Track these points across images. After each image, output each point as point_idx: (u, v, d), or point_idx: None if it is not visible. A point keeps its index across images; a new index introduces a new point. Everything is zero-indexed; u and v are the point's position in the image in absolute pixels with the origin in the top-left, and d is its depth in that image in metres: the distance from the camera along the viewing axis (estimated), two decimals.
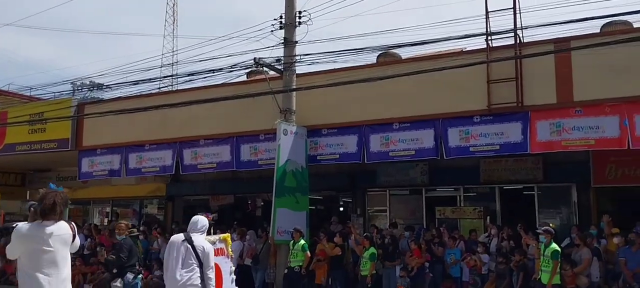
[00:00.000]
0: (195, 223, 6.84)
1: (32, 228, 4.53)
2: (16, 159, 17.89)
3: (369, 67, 13.38)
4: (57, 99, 18.07)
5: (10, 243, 4.63)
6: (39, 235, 4.44)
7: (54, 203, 4.51)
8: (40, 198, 4.57)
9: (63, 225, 4.57)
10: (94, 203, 19.66)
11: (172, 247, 6.57)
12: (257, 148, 14.33)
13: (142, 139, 15.73)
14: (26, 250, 4.46)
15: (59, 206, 4.52)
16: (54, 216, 4.50)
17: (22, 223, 4.68)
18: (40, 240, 4.42)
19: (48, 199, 4.50)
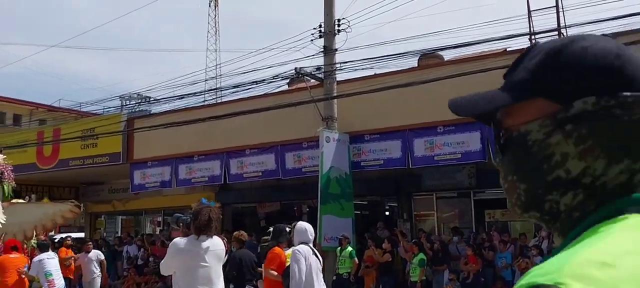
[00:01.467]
0: (309, 232, 6.05)
1: (189, 243, 4.47)
2: (70, 174, 18.53)
3: (410, 71, 13.30)
4: (107, 115, 18.64)
5: (166, 258, 4.58)
6: (195, 250, 4.39)
7: (210, 218, 4.49)
8: (194, 213, 4.55)
9: (217, 240, 4.56)
10: (145, 213, 20.15)
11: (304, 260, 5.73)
12: (300, 156, 14.46)
13: (190, 150, 16.09)
14: (182, 265, 4.42)
15: (215, 221, 4.53)
16: (210, 232, 4.49)
17: (178, 238, 4.63)
18: (196, 256, 4.37)
19: (203, 215, 4.47)
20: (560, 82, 0.80)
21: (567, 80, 0.80)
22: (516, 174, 0.86)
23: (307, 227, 6.08)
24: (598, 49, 0.81)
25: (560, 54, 0.82)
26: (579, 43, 0.82)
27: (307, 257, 5.70)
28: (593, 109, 0.78)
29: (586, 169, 0.78)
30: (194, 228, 4.52)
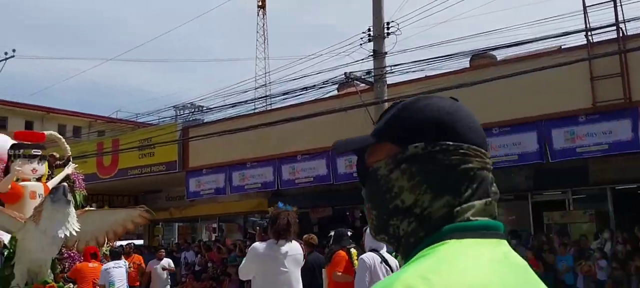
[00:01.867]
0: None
1: (268, 248, 4.43)
2: (129, 182, 19.07)
3: (462, 72, 13.04)
4: (163, 125, 19.11)
5: (244, 262, 4.53)
6: (274, 255, 4.35)
7: (288, 223, 4.46)
8: (272, 218, 4.52)
9: (296, 245, 4.53)
10: (201, 220, 20.54)
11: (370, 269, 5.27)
12: (351, 161, 14.37)
13: (243, 157, 16.30)
14: (261, 270, 4.37)
15: (293, 226, 4.49)
16: (288, 236, 4.46)
17: (257, 243, 4.61)
18: (275, 261, 4.33)
19: (282, 219, 4.44)
20: (401, 131, 0.99)
21: (407, 129, 0.99)
22: (370, 202, 1.04)
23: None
24: (434, 107, 1.00)
25: (406, 108, 1.02)
26: (422, 102, 1.03)
27: (372, 265, 5.25)
28: (422, 152, 0.97)
29: (416, 201, 0.96)
30: (272, 232, 4.48)
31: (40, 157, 4.85)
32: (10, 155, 4.82)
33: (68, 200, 4.09)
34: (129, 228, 4.95)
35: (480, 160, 0.99)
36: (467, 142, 0.98)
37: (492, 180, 1.01)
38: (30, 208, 4.44)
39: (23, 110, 27.64)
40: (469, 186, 0.95)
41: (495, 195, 1.00)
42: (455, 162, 0.95)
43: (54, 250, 4.33)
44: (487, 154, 1.01)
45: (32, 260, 4.21)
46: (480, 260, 0.88)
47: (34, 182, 4.80)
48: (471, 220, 0.94)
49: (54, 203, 3.97)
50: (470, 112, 1.03)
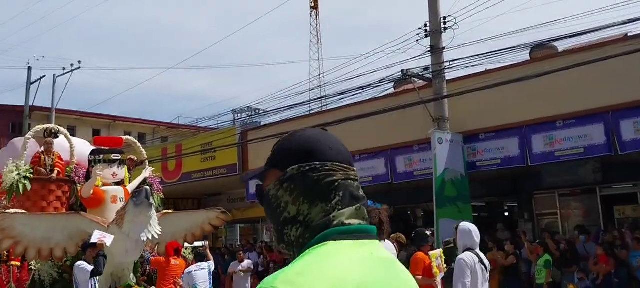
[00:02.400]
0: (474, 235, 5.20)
1: None
2: (192, 186, 19.55)
3: (523, 65, 12.72)
4: (223, 129, 19.49)
5: None
6: None
7: (381, 221, 4.25)
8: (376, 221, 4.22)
9: (389, 245, 4.21)
10: (262, 221, 20.80)
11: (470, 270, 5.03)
12: (411, 160, 14.27)
13: None
14: None
15: (386, 224, 4.24)
16: (382, 235, 4.23)
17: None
18: None
19: (373, 218, 4.21)
20: (281, 158, 1.25)
21: (285, 157, 1.24)
22: (269, 218, 1.27)
23: (471, 228, 5.26)
24: (304, 137, 1.26)
25: (285, 141, 1.29)
26: (296, 134, 1.29)
27: (473, 266, 4.96)
28: (297, 172, 1.21)
29: (299, 211, 1.21)
30: None
31: (120, 162, 5.01)
32: (90, 161, 5.00)
33: (150, 203, 4.18)
34: (207, 230, 5.03)
35: (343, 173, 1.23)
36: (332, 160, 1.23)
37: (358, 186, 1.25)
38: (112, 213, 4.59)
39: (90, 119, 28.81)
40: (336, 194, 1.21)
41: (363, 199, 1.24)
42: (322, 177, 1.21)
43: (137, 254, 4.45)
44: (351, 168, 1.26)
45: (116, 264, 4.35)
46: (350, 257, 1.13)
47: (114, 186, 4.97)
48: (345, 224, 1.19)
49: (137, 206, 4.08)
50: (334, 138, 1.29)
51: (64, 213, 4.79)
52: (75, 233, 4.27)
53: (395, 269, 1.22)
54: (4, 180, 4.76)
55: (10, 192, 4.75)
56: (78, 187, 5.20)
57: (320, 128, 1.34)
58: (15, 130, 28.62)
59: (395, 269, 1.21)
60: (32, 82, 24.21)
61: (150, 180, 5.34)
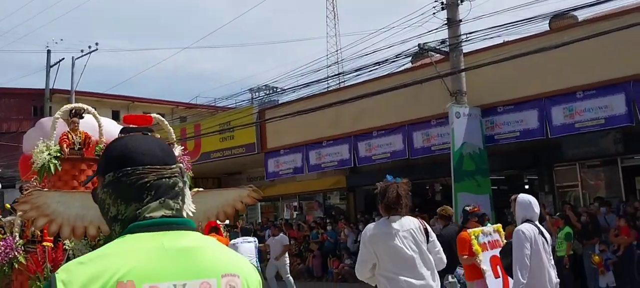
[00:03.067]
0: (533, 206, 5.04)
1: (379, 226, 4.12)
2: (211, 166, 19.71)
3: (542, 36, 12.57)
4: (240, 108, 19.57)
5: (359, 254, 4.18)
6: (387, 232, 4.01)
7: (398, 196, 4.11)
8: (381, 192, 4.19)
9: (408, 219, 4.10)
10: (282, 199, 20.99)
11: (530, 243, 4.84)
12: (429, 135, 14.25)
13: (319, 136, 16.47)
14: (381, 251, 4.01)
15: (404, 198, 4.12)
16: (400, 210, 4.10)
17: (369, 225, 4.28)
18: (389, 237, 3.98)
19: (391, 192, 4.11)
20: (103, 166, 1.42)
21: (103, 165, 1.42)
22: (103, 216, 1.44)
23: (530, 200, 5.11)
24: (118, 147, 1.43)
25: (104, 151, 1.48)
26: (111, 144, 1.48)
27: (533, 238, 4.80)
28: (113, 179, 1.38)
29: (118, 210, 1.38)
30: (382, 207, 4.15)
31: None
32: None
33: (184, 180, 4.22)
34: (238, 208, 5.04)
35: (156, 174, 1.39)
36: (144, 164, 1.38)
37: (173, 183, 1.42)
38: None
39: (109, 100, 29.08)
40: (148, 193, 1.37)
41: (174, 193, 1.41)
42: (134, 180, 1.36)
43: None
44: (166, 168, 1.41)
45: None
46: (134, 248, 1.28)
47: None
48: (147, 218, 1.35)
49: None
50: (152, 142, 1.46)
51: None
52: None
53: (191, 258, 1.30)
54: (35, 160, 4.84)
55: (41, 172, 4.83)
56: None
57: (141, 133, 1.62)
58: (37, 113, 29.01)
59: (190, 258, 1.30)
60: (51, 65, 24.46)
61: (180, 159, 5.36)
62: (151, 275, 1.24)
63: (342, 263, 16.00)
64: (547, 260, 4.89)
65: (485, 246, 6.61)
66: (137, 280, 1.21)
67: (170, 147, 1.51)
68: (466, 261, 6.56)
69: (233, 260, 1.37)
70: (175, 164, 1.43)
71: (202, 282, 1.28)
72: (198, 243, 1.34)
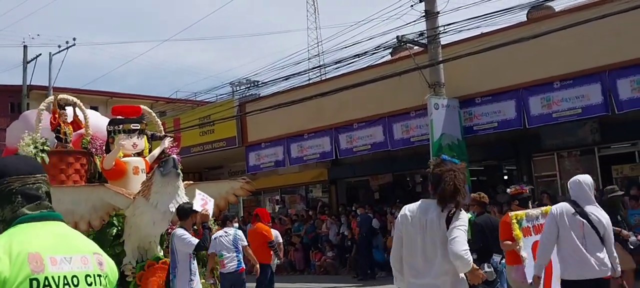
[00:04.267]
0: (584, 186, 4.80)
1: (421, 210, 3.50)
2: (192, 160, 19.58)
3: (519, 26, 12.78)
4: (221, 102, 19.49)
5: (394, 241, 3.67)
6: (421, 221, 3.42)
7: (455, 189, 3.36)
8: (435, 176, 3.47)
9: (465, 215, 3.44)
10: (264, 193, 20.96)
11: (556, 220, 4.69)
12: (408, 126, 14.39)
13: (300, 129, 16.52)
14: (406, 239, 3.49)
15: (462, 187, 3.39)
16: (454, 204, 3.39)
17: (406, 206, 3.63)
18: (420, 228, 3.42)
19: (448, 183, 3.34)
20: None
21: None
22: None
23: (579, 179, 4.84)
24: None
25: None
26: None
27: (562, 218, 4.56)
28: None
29: (3, 215, 1.82)
30: (437, 195, 3.44)
31: (139, 131, 4.97)
32: (110, 132, 4.95)
33: (178, 172, 4.19)
34: (231, 201, 5.06)
35: (20, 182, 1.83)
36: (10, 175, 1.82)
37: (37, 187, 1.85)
38: (134, 184, 4.61)
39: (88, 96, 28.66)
40: (16, 198, 1.81)
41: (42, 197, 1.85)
42: (3, 188, 1.81)
43: (164, 225, 4.43)
44: (30, 176, 1.85)
45: (142, 237, 4.34)
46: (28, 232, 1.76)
47: (136, 158, 4.94)
48: (26, 214, 1.80)
49: (164, 176, 4.08)
50: (20, 159, 1.95)
51: (88, 186, 4.81)
52: (99, 205, 4.29)
53: (70, 240, 1.84)
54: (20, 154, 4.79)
55: None
56: (96, 159, 5.21)
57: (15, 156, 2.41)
58: (14, 109, 28.53)
59: (70, 240, 1.84)
60: (28, 61, 24.06)
61: (169, 151, 5.33)
62: (50, 249, 1.75)
63: (324, 256, 16.10)
64: (584, 244, 4.55)
65: (528, 231, 6.16)
66: (42, 252, 1.72)
67: (37, 162, 1.99)
68: (507, 247, 6.17)
69: (96, 244, 1.96)
70: (40, 174, 1.88)
71: (82, 256, 1.81)
72: (71, 231, 1.91)
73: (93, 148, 5.35)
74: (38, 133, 5.04)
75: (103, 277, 1.84)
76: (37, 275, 1.67)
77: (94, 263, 1.83)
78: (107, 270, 1.88)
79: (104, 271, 1.86)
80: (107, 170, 4.84)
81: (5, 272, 1.63)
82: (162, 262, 4.52)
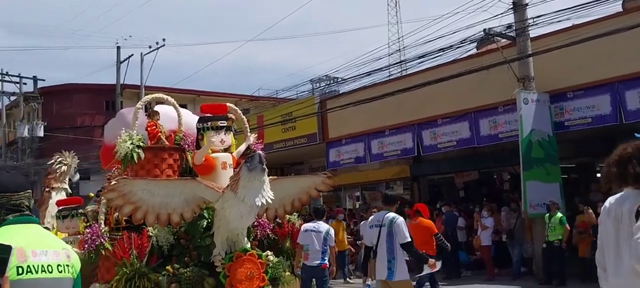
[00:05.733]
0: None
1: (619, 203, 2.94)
2: (274, 156, 19.95)
3: (614, 17, 12.06)
4: (302, 99, 19.73)
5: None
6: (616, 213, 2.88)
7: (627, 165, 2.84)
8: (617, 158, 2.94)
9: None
10: (344, 189, 21.04)
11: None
12: (496, 122, 13.94)
13: (381, 125, 16.40)
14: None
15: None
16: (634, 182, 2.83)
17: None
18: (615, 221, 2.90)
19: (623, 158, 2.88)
20: None
21: None
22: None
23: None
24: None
25: None
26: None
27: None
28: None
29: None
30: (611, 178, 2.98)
31: (226, 128, 5.19)
32: (199, 129, 5.20)
33: (263, 168, 4.30)
34: (313, 196, 5.11)
35: (6, 199, 2.44)
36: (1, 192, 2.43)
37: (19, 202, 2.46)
38: (222, 179, 4.78)
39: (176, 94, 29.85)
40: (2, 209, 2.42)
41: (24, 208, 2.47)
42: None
43: (251, 218, 4.59)
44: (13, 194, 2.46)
45: (231, 229, 4.52)
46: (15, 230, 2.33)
47: (224, 153, 5.15)
48: (9, 219, 2.39)
49: (251, 171, 4.22)
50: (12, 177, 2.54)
51: (181, 179, 5.02)
52: (191, 198, 4.47)
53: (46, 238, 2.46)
54: (118, 150, 5.05)
55: (124, 161, 5.04)
56: (188, 154, 5.44)
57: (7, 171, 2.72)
58: (109, 107, 30.17)
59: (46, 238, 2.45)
60: (121, 61, 25.36)
61: (254, 147, 5.48)
62: (31, 245, 2.30)
63: None
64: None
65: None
66: (25, 247, 2.27)
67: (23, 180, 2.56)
68: None
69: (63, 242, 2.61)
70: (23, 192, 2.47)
71: (54, 251, 2.37)
72: (45, 231, 2.53)
73: (185, 145, 5.56)
74: (134, 130, 5.29)
75: (70, 266, 2.42)
76: (22, 263, 2.22)
77: (63, 256, 2.40)
78: (73, 261, 2.46)
79: (71, 262, 2.44)
80: (197, 165, 5.02)
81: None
82: (249, 254, 4.64)
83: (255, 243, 5.04)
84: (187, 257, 4.71)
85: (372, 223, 7.00)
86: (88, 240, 4.81)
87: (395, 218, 6.65)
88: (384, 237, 6.62)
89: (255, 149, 5.32)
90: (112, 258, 4.61)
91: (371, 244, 6.86)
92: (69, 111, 31.99)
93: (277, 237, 5.61)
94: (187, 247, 4.76)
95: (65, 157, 8.14)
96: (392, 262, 6.54)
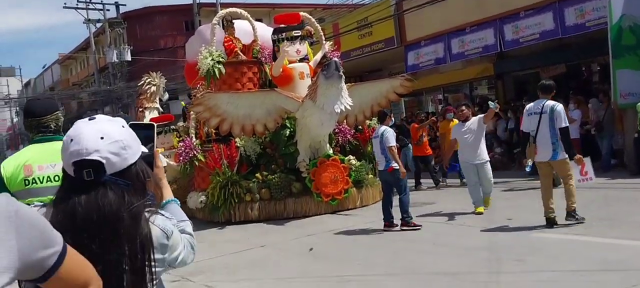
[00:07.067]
0: None
1: None
2: (351, 64, 19.88)
3: None
4: (377, 2, 19.29)
5: None
6: None
7: None
8: None
9: None
10: (426, 93, 20.77)
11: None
12: (583, 10, 13.13)
13: (461, 22, 15.86)
14: None
15: None
16: None
17: None
18: None
19: None
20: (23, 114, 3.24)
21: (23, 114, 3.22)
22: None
23: None
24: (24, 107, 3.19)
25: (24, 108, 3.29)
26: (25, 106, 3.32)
27: None
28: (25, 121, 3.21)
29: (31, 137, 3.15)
30: None
31: (301, 37, 5.25)
32: (274, 41, 5.29)
33: (340, 75, 4.41)
34: (392, 99, 5.19)
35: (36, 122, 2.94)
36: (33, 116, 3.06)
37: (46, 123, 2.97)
38: (300, 88, 4.92)
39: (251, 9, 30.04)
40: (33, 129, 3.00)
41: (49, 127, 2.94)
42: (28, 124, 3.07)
43: (331, 125, 4.73)
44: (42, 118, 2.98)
45: (313, 137, 4.68)
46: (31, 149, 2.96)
47: (300, 63, 5.25)
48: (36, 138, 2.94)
49: (328, 79, 4.31)
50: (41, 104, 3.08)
51: (262, 91, 5.22)
52: (272, 109, 4.65)
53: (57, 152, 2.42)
54: (200, 67, 5.25)
55: (208, 77, 5.26)
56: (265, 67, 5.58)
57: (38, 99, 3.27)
58: (188, 27, 30.92)
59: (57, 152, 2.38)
60: None
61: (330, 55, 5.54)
62: (40, 160, 2.74)
63: (492, 152, 15.75)
64: None
65: None
66: (33, 162, 2.73)
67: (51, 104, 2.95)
68: None
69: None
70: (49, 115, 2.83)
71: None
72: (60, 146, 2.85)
73: (263, 57, 5.70)
74: (213, 46, 5.46)
75: None
76: (28, 177, 2.68)
77: None
78: None
79: None
80: (275, 77, 5.15)
81: (8, 174, 2.68)
82: (332, 159, 4.80)
83: (337, 149, 5.19)
84: (274, 164, 4.95)
85: (531, 111, 7.50)
86: (183, 153, 5.14)
87: (555, 105, 7.15)
88: (545, 123, 7.17)
89: (331, 57, 5.37)
90: (205, 169, 4.91)
91: (529, 130, 7.40)
92: (152, 34, 33.12)
93: (359, 142, 5.74)
94: (273, 155, 4.99)
95: (153, 78, 8.54)
96: (556, 143, 7.07)
